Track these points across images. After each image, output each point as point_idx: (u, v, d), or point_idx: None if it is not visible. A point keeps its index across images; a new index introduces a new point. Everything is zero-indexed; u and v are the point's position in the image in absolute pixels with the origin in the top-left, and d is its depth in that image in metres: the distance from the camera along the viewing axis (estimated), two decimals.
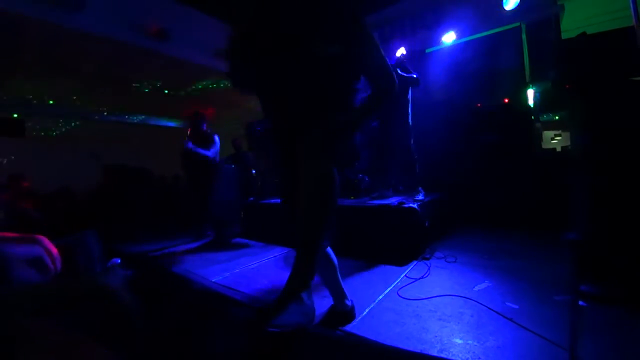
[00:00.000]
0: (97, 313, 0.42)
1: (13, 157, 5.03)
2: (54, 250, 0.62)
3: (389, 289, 2.21)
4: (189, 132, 3.75)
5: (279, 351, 1.09)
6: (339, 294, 1.77)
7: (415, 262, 2.72)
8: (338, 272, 1.73)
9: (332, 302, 1.82)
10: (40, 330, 0.33)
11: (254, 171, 5.17)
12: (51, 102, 6.15)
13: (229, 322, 1.93)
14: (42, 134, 6.19)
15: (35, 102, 5.92)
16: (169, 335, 1.67)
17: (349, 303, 1.80)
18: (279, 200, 4.03)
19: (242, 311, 2.07)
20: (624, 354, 1.39)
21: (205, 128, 3.81)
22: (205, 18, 5.79)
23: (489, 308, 1.81)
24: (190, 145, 3.61)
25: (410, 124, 3.58)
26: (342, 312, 1.77)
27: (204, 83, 7.14)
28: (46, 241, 0.62)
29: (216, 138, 3.81)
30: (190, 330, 1.76)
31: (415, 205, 2.93)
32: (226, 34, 1.35)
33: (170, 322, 1.83)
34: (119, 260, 0.91)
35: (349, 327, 1.71)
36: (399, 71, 3.40)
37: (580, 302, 1.75)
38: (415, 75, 3.51)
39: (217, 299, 2.29)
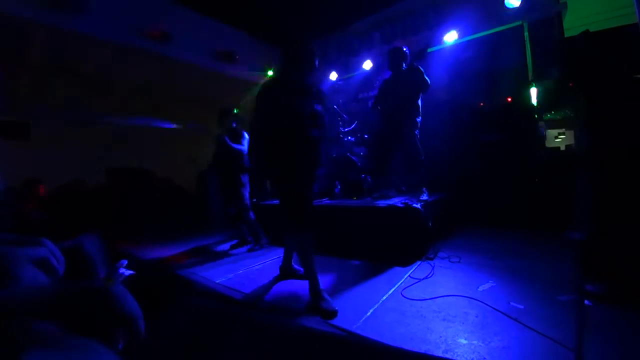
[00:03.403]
0: (100, 315, 0.42)
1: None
2: (58, 253, 0.62)
3: (393, 289, 2.20)
4: (224, 132, 3.65)
5: (283, 350, 1.10)
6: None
7: (419, 263, 2.71)
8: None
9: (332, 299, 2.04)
10: (44, 333, 0.33)
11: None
12: (55, 105, 6.20)
13: (231, 323, 1.93)
14: (47, 136, 6.24)
15: (39, 105, 5.96)
16: (172, 338, 1.68)
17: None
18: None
19: (244, 312, 2.08)
20: (630, 354, 1.37)
21: (235, 125, 3.74)
22: (206, 20, 5.83)
23: (493, 308, 1.80)
24: (227, 139, 3.54)
25: (419, 124, 3.58)
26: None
27: (207, 84, 7.19)
28: (50, 243, 0.62)
29: (245, 134, 3.73)
30: (194, 332, 1.76)
31: (418, 206, 2.92)
32: (227, 37, 1.46)
33: (173, 324, 1.83)
34: (126, 262, 0.91)
35: (352, 328, 1.71)
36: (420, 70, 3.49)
37: (586, 302, 1.74)
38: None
39: (220, 300, 2.30)
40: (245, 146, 3.66)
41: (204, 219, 5.33)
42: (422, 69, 3.47)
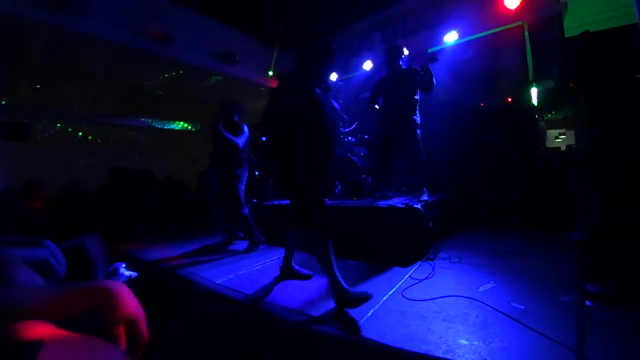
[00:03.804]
0: (102, 315, 0.42)
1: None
2: (59, 254, 0.62)
3: (393, 289, 2.20)
4: (219, 119, 3.64)
5: (285, 351, 1.10)
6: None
7: (419, 263, 2.71)
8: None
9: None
10: (45, 334, 0.33)
11: (257, 173, 5.17)
12: (56, 105, 6.21)
13: (231, 323, 1.93)
14: (46, 134, 6.25)
15: (40, 106, 5.97)
16: (174, 338, 1.68)
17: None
18: (282, 202, 4.05)
19: (245, 313, 2.08)
20: (631, 354, 1.37)
21: (236, 118, 3.73)
22: (206, 21, 5.84)
23: (494, 309, 1.80)
24: (221, 126, 3.52)
25: (420, 123, 3.57)
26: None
27: (207, 84, 7.21)
28: (51, 244, 0.62)
29: (245, 128, 3.73)
30: (195, 332, 1.76)
31: (419, 206, 2.91)
32: (227, 38, 1.45)
33: (175, 324, 1.83)
34: (125, 264, 0.91)
35: None
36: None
37: (587, 302, 1.74)
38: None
39: (221, 301, 2.30)
40: (241, 140, 3.65)
41: (204, 219, 5.33)
42: (432, 71, 3.46)
